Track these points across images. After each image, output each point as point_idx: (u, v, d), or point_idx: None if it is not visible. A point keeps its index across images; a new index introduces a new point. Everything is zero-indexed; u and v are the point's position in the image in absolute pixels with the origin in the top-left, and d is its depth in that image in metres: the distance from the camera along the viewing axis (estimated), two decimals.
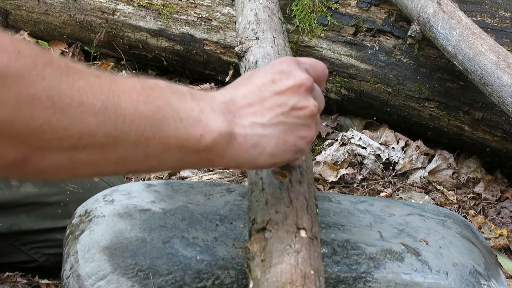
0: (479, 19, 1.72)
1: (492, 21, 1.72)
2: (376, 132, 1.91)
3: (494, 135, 1.72)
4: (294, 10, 1.95)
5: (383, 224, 1.04)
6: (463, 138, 1.80)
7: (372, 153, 1.81)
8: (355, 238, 0.99)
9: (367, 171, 1.81)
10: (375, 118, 1.95)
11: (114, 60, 2.32)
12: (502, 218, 1.70)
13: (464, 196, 1.76)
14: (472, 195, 1.76)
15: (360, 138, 1.84)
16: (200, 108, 0.68)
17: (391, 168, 1.82)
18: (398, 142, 1.85)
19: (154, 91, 0.65)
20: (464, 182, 1.79)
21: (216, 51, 2.09)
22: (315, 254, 0.71)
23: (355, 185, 1.78)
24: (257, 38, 1.23)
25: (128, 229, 0.96)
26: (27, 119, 0.55)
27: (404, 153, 1.83)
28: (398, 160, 1.82)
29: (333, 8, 1.92)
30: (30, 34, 2.37)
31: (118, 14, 2.20)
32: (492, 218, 1.70)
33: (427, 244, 1.00)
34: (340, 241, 0.98)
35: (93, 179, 1.31)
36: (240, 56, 1.22)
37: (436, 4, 1.53)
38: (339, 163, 1.81)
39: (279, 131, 0.72)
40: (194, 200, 1.04)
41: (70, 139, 0.59)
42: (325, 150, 1.85)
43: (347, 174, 1.79)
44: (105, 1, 2.21)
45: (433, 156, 1.83)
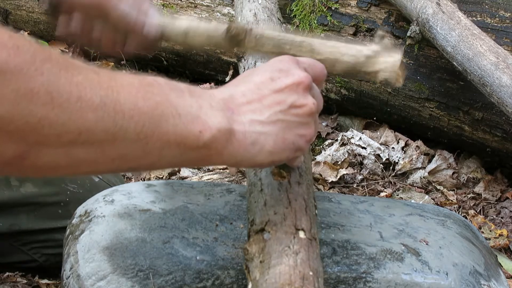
0: (479, 19, 1.72)
1: (492, 21, 1.72)
2: (376, 132, 1.91)
3: (494, 135, 1.72)
4: (294, 10, 1.95)
5: (383, 224, 1.04)
6: (463, 138, 1.80)
7: (372, 153, 1.81)
8: (355, 238, 0.99)
9: (367, 171, 1.81)
10: (375, 118, 1.95)
11: (114, 60, 2.32)
12: (502, 218, 1.70)
13: (464, 196, 1.76)
14: (472, 195, 1.76)
15: (360, 138, 1.84)
16: (199, 104, 0.67)
17: (391, 168, 1.82)
18: (398, 142, 1.85)
19: (153, 87, 0.65)
20: (464, 182, 1.79)
21: (216, 51, 2.09)
22: (314, 255, 0.71)
23: (355, 185, 1.78)
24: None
25: (128, 229, 0.96)
26: (26, 114, 0.55)
27: (404, 153, 1.83)
28: (398, 160, 1.82)
29: (333, 8, 1.92)
30: (30, 34, 2.37)
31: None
32: (492, 218, 1.70)
33: (427, 244, 1.00)
34: (340, 241, 0.98)
35: (93, 179, 1.31)
36: (239, 57, 1.22)
37: (436, 4, 1.53)
38: (339, 163, 1.81)
39: (278, 128, 0.72)
40: (194, 200, 1.04)
41: (68, 135, 0.58)
42: (325, 150, 1.85)
43: (347, 174, 1.79)
44: None
45: (433, 156, 1.83)
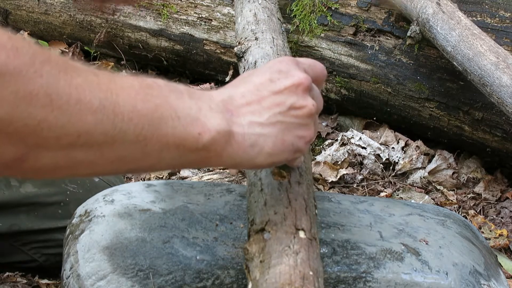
0: (479, 19, 1.72)
1: (492, 21, 1.72)
2: (376, 132, 1.91)
3: (494, 135, 1.72)
4: (294, 10, 1.95)
5: (383, 224, 1.04)
6: (463, 138, 1.80)
7: (372, 153, 1.81)
8: (355, 238, 0.99)
9: (367, 171, 1.81)
10: (375, 118, 1.95)
11: (114, 60, 2.32)
12: (502, 218, 1.70)
13: (464, 196, 1.76)
14: (472, 195, 1.76)
15: (360, 138, 1.84)
16: (198, 106, 0.67)
17: (391, 168, 1.82)
18: (398, 142, 1.85)
19: (153, 89, 0.65)
20: (464, 182, 1.79)
21: (216, 51, 2.09)
22: (314, 255, 0.71)
23: (355, 185, 1.78)
24: (256, 39, 1.23)
25: (128, 229, 0.96)
26: (25, 116, 0.55)
27: (404, 153, 1.83)
28: (398, 160, 1.82)
29: (333, 8, 1.92)
30: (30, 34, 2.37)
31: (118, 14, 2.19)
32: (492, 218, 1.70)
33: (427, 244, 1.00)
34: (340, 241, 0.98)
35: (93, 179, 1.31)
36: (239, 57, 1.22)
37: (436, 4, 1.53)
38: (339, 163, 1.81)
39: (277, 130, 0.71)
40: (194, 200, 1.04)
41: (67, 137, 0.58)
42: (325, 150, 1.85)
43: (347, 174, 1.79)
44: None
45: (433, 156, 1.83)
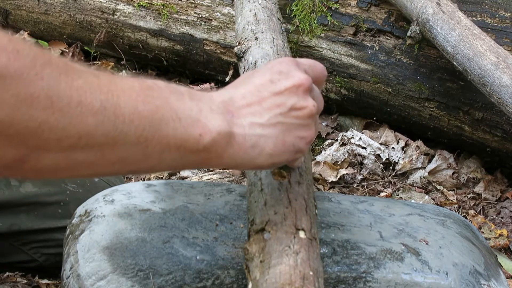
0: (479, 19, 1.72)
1: (492, 21, 1.72)
2: (376, 132, 1.91)
3: (494, 135, 1.72)
4: (294, 10, 1.95)
5: (383, 224, 1.04)
6: (463, 138, 1.80)
7: (372, 153, 1.81)
8: (355, 238, 0.99)
9: (367, 171, 1.81)
10: (375, 118, 1.95)
11: (114, 60, 2.32)
12: (502, 218, 1.70)
13: (464, 196, 1.76)
14: (472, 195, 1.76)
15: (360, 138, 1.84)
16: (199, 108, 0.67)
17: (391, 168, 1.82)
18: (398, 142, 1.85)
19: (153, 91, 0.65)
20: (464, 182, 1.79)
21: (216, 51, 2.09)
22: (314, 255, 0.71)
23: (355, 185, 1.78)
24: (256, 39, 1.23)
25: (128, 229, 0.96)
26: (26, 119, 0.55)
27: (404, 153, 1.83)
28: (398, 160, 1.82)
29: (333, 8, 1.92)
30: (30, 34, 2.36)
31: (118, 14, 2.20)
32: (492, 218, 1.70)
33: (427, 244, 1.00)
34: (340, 241, 0.98)
35: (93, 179, 1.31)
36: (239, 57, 1.22)
37: (436, 4, 1.53)
38: (339, 163, 1.81)
39: (278, 131, 0.72)
40: (194, 200, 1.04)
41: (68, 139, 0.58)
42: (325, 150, 1.85)
43: (347, 174, 1.79)
44: (105, 1, 2.21)
45: (433, 156, 1.83)
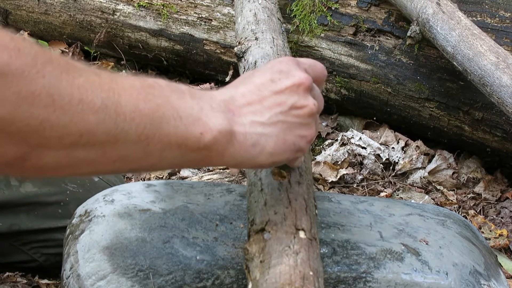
0: (479, 19, 1.72)
1: (492, 21, 1.72)
2: (376, 132, 1.91)
3: (494, 135, 1.72)
4: (294, 10, 1.95)
5: (383, 224, 1.04)
6: (463, 138, 1.80)
7: (372, 153, 1.81)
8: (355, 238, 0.99)
9: (367, 171, 1.81)
10: (375, 118, 1.95)
11: (114, 60, 2.32)
12: (502, 218, 1.70)
13: (464, 196, 1.76)
14: (472, 195, 1.76)
15: (360, 138, 1.84)
16: (200, 106, 0.68)
17: (391, 168, 1.82)
18: (398, 142, 1.85)
19: (154, 89, 0.65)
20: (464, 182, 1.79)
21: (216, 51, 2.09)
22: (314, 255, 0.71)
23: (355, 185, 1.78)
24: (256, 39, 1.23)
25: (128, 229, 0.96)
26: (27, 116, 0.55)
27: (404, 153, 1.83)
28: (398, 160, 1.82)
29: (333, 8, 1.92)
30: (30, 34, 2.37)
31: (118, 14, 2.20)
32: (492, 218, 1.70)
33: (427, 244, 1.00)
34: (340, 241, 0.98)
35: (93, 179, 1.31)
36: (239, 57, 1.22)
37: (436, 4, 1.53)
38: (339, 163, 1.81)
39: (278, 130, 0.72)
40: (194, 200, 1.04)
41: (70, 137, 0.59)
42: (325, 150, 1.85)
43: (347, 174, 1.79)
44: (105, 1, 2.21)
45: (433, 156, 1.83)
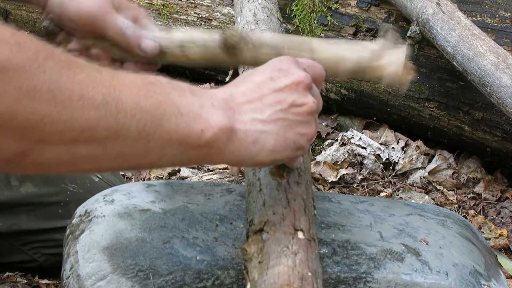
0: (479, 19, 1.72)
1: (492, 21, 1.72)
2: (376, 132, 1.91)
3: (494, 135, 1.72)
4: (294, 10, 1.96)
5: (383, 224, 1.04)
6: (463, 138, 1.80)
7: (372, 153, 1.81)
8: (355, 238, 0.99)
9: (367, 171, 1.81)
10: (375, 118, 1.95)
11: None
12: (502, 218, 1.70)
13: (464, 196, 1.76)
14: (472, 195, 1.76)
15: (360, 138, 1.84)
16: (200, 103, 0.68)
17: (391, 168, 1.82)
18: (398, 142, 1.85)
19: (155, 86, 0.66)
20: (464, 182, 1.79)
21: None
22: (313, 255, 0.71)
23: (355, 185, 1.78)
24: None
25: (128, 229, 0.96)
26: (28, 111, 0.55)
27: (404, 153, 1.83)
28: (398, 160, 1.82)
29: (333, 8, 1.92)
30: (30, 34, 2.37)
31: None
32: (492, 218, 1.70)
33: (427, 244, 1.00)
34: (340, 241, 0.98)
35: (93, 179, 1.31)
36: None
37: (436, 4, 1.52)
38: (339, 163, 1.81)
39: (278, 127, 0.72)
40: (194, 200, 1.04)
41: (70, 133, 0.59)
42: (325, 150, 1.85)
43: (347, 174, 1.79)
44: None
45: (433, 156, 1.83)
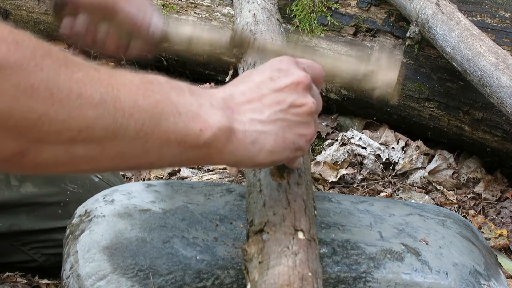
0: (479, 19, 1.72)
1: (492, 21, 1.72)
2: (376, 132, 1.91)
3: (494, 135, 1.72)
4: (294, 10, 1.95)
5: (383, 224, 1.04)
6: (463, 138, 1.80)
7: (372, 153, 1.81)
8: (355, 238, 0.99)
9: (367, 171, 1.81)
10: (375, 118, 1.95)
11: (114, 60, 2.32)
12: (502, 218, 1.70)
13: (464, 196, 1.76)
14: (472, 195, 1.76)
15: (360, 138, 1.84)
16: (199, 103, 0.67)
17: (391, 168, 1.82)
18: (398, 142, 1.85)
19: (154, 85, 0.65)
20: (464, 182, 1.79)
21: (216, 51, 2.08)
22: (313, 256, 0.71)
23: (355, 185, 1.78)
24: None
25: (128, 229, 0.96)
26: (26, 110, 0.55)
27: (404, 153, 1.83)
28: (398, 160, 1.82)
29: (333, 8, 1.92)
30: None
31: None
32: (492, 218, 1.70)
33: (427, 244, 1.00)
34: (340, 241, 0.98)
35: (93, 179, 1.31)
36: (238, 58, 1.22)
37: (435, 5, 1.52)
38: (339, 163, 1.81)
39: (278, 128, 0.71)
40: (194, 200, 1.04)
41: (68, 132, 0.58)
42: (325, 150, 1.85)
43: (347, 174, 1.79)
44: None
45: (433, 156, 1.83)
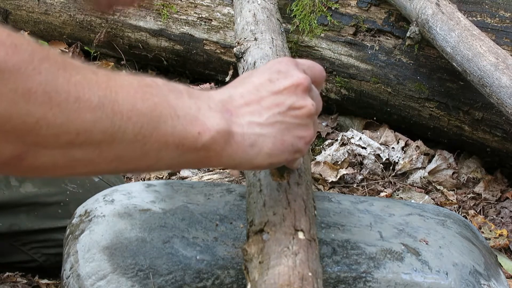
0: (479, 19, 1.72)
1: (492, 21, 1.72)
2: (376, 132, 1.91)
3: (494, 135, 1.72)
4: (294, 10, 1.95)
5: (383, 224, 1.04)
6: (463, 138, 1.80)
7: (372, 153, 1.81)
8: (355, 238, 0.99)
9: (367, 171, 1.81)
10: (375, 118, 1.95)
11: (114, 60, 2.32)
12: (502, 218, 1.70)
13: (464, 196, 1.76)
14: (472, 195, 1.76)
15: (360, 138, 1.84)
16: (198, 106, 0.67)
17: (391, 168, 1.82)
18: (398, 142, 1.85)
19: (152, 88, 0.65)
20: (464, 182, 1.79)
21: (216, 51, 2.09)
22: (313, 256, 0.71)
23: (355, 185, 1.78)
24: (255, 39, 1.23)
25: (128, 229, 0.96)
26: (24, 114, 0.55)
27: (404, 153, 1.83)
28: (398, 160, 1.82)
29: (333, 8, 1.92)
30: (30, 34, 2.37)
31: (118, 14, 2.20)
32: (492, 218, 1.70)
33: (427, 244, 1.00)
34: (340, 241, 0.98)
35: (93, 179, 1.31)
36: (238, 57, 1.22)
37: (435, 5, 1.52)
38: (339, 163, 1.81)
39: (276, 130, 0.71)
40: (194, 200, 1.04)
41: (66, 136, 0.58)
42: (325, 150, 1.85)
43: (347, 174, 1.79)
44: None
45: (433, 156, 1.83)
